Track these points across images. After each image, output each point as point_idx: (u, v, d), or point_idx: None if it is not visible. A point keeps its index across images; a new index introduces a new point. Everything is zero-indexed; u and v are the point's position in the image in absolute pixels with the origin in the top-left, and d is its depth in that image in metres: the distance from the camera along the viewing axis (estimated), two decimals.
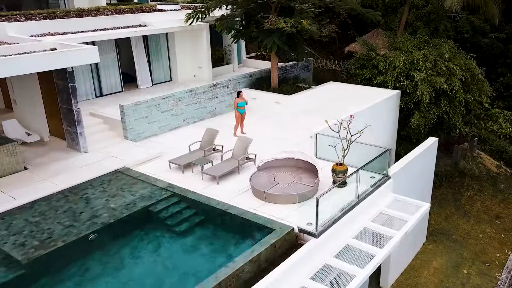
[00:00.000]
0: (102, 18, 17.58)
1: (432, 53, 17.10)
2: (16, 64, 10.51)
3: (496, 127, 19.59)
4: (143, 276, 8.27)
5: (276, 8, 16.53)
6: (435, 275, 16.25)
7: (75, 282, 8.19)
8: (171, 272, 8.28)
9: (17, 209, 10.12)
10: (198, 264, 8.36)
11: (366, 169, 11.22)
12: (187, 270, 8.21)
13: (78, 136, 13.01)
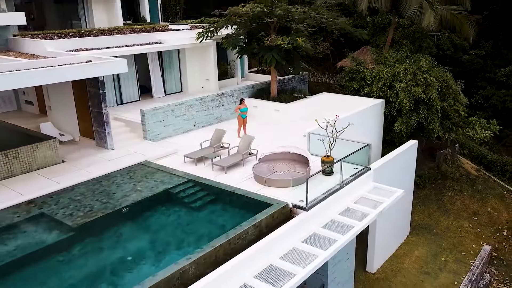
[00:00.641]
0: (122, 37, 19.92)
1: (412, 66, 19.37)
2: (61, 73, 12.75)
3: (472, 133, 21.69)
4: (166, 237, 10.34)
5: (275, 28, 18.86)
6: (416, 262, 18.18)
7: (112, 242, 10.26)
8: (189, 235, 10.34)
9: (61, 191, 12.21)
10: (211, 229, 10.40)
11: (350, 161, 13.37)
12: (202, 233, 10.26)
13: (106, 136, 15.18)
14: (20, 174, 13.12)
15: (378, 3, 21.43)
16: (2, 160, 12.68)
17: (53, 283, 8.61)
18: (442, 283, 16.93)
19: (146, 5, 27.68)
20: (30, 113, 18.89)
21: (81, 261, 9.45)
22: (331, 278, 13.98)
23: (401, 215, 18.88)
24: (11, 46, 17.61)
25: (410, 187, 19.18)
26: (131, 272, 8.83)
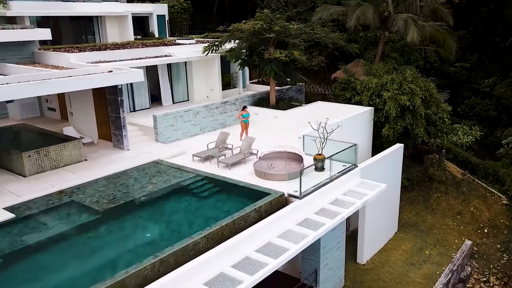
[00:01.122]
0: (134, 50, 21.80)
1: (398, 77, 21.21)
2: (87, 81, 14.59)
3: (455, 138, 23.43)
4: (179, 220, 12.05)
5: (274, 42, 20.74)
6: (403, 255, 19.78)
7: (133, 223, 11.96)
8: (198, 218, 12.03)
9: (86, 183, 13.93)
10: (217, 213, 12.07)
11: (339, 160, 15.14)
12: (209, 216, 11.92)
13: (123, 138, 16.96)
14: (49, 170, 14.86)
15: (366, 20, 23.37)
16: (34, 157, 14.43)
17: (85, 253, 10.29)
18: (425, 273, 18.50)
19: (154, 21, 29.71)
20: (53, 119, 20.70)
21: (107, 237, 11.17)
22: (323, 264, 15.56)
23: (389, 213, 20.54)
24: (36, 59, 19.49)
25: (397, 187, 20.88)
26: (151, 245, 10.50)
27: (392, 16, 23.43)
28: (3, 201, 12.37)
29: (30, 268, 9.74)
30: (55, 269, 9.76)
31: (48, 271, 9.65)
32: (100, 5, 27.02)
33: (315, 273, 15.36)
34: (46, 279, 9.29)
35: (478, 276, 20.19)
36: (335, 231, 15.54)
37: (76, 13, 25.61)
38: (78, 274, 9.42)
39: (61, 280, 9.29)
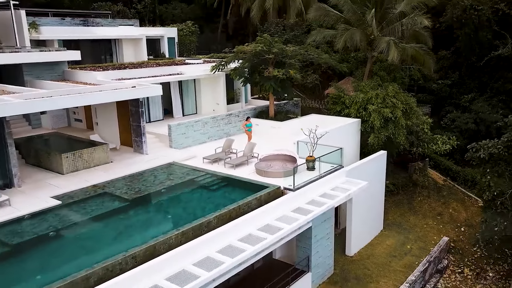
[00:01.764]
0: (150, 69, 24.57)
1: (382, 92, 23.89)
2: (116, 94, 17.27)
3: (435, 147, 25.99)
4: (193, 205, 14.57)
5: (273, 62, 23.47)
6: (386, 249, 22.11)
7: (156, 208, 14.52)
8: (209, 204, 14.53)
9: (115, 179, 16.45)
10: (225, 201, 14.53)
11: (328, 161, 17.70)
12: (219, 203, 14.40)
13: (142, 143, 19.55)
14: (82, 169, 17.40)
15: (353, 43, 26.18)
16: (71, 158, 17.01)
17: (119, 228, 12.79)
18: (406, 263, 20.83)
19: (165, 43, 32.62)
20: (79, 128, 23.31)
21: (135, 218, 13.68)
22: (315, 251, 17.93)
23: (374, 213, 22.91)
24: (66, 76, 22.20)
25: (381, 189, 23.31)
26: (172, 223, 12.99)
27: (377, 39, 26.24)
28: (49, 192, 14.90)
29: (77, 239, 12.24)
30: (97, 239, 12.26)
31: (91, 240, 12.15)
32: (117, 29, 29.98)
33: (307, 259, 17.70)
34: (90, 246, 11.78)
35: (453, 268, 22.53)
36: (324, 223, 18.03)
37: (97, 37, 28.54)
38: (116, 243, 11.88)
39: (102, 246, 11.73)
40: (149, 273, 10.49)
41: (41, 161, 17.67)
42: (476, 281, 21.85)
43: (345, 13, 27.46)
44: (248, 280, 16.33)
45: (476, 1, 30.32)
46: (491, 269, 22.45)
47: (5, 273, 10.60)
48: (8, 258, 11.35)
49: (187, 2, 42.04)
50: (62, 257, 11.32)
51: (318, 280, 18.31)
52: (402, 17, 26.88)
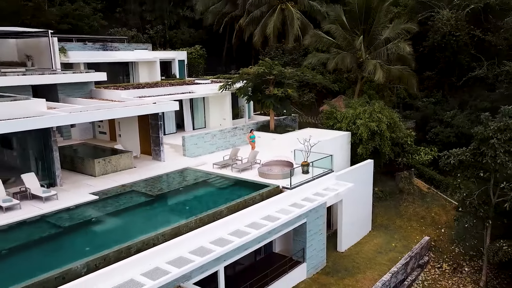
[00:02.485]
0: (165, 88, 27.58)
1: (369, 108, 26.85)
2: (140, 109, 20.22)
3: (418, 157, 28.80)
4: (206, 200, 17.35)
5: (273, 82, 26.50)
6: (374, 246, 24.71)
7: (175, 201, 17.33)
8: (220, 199, 17.28)
9: (139, 180, 19.22)
10: (233, 197, 17.27)
11: (320, 166, 20.52)
12: (228, 198, 17.15)
13: (160, 152, 22.42)
14: (111, 173, 20.22)
15: (344, 65, 29.29)
16: (102, 163, 19.87)
17: (147, 216, 15.56)
18: (390, 258, 23.40)
19: (176, 65, 35.78)
20: (103, 140, 26.21)
21: (160, 209, 16.49)
22: (309, 245, 20.57)
23: (363, 215, 25.54)
24: (93, 95, 25.16)
25: (369, 194, 26.03)
26: (190, 212, 15.71)
27: (365, 62, 29.36)
28: (87, 190, 17.71)
29: (114, 223, 15.01)
30: (129, 223, 15.05)
31: (125, 224, 14.93)
32: (134, 53, 33.19)
33: (302, 251, 20.35)
34: (125, 228, 14.55)
35: (433, 263, 25.10)
36: (317, 220, 20.72)
37: (116, 60, 31.70)
38: (146, 227, 14.58)
39: (135, 228, 14.45)
40: (176, 246, 13.25)
41: (76, 166, 20.51)
42: (453, 274, 24.41)
43: (337, 38, 30.68)
44: (251, 269, 18.92)
45: (454, 28, 33.52)
46: (467, 264, 25.02)
47: (62, 246, 13.37)
48: (62, 236, 14.12)
49: (195, 28, 45.49)
50: (104, 235, 14.11)
51: (312, 270, 20.87)
52: (387, 42, 30.10)
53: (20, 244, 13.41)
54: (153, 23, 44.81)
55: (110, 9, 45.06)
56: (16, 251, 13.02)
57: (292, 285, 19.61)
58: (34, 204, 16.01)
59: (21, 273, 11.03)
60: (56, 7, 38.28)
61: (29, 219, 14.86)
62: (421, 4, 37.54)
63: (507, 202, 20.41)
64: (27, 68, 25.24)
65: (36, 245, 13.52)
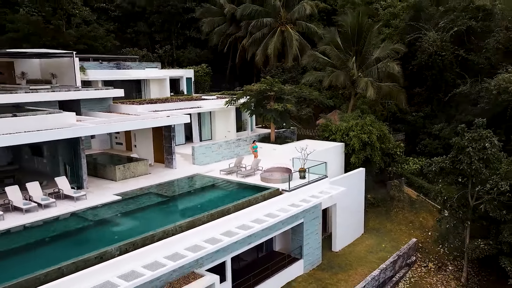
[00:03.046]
0: (175, 103, 30.09)
1: (361, 122, 29.29)
2: (155, 121, 22.68)
3: (407, 167, 31.13)
4: (215, 200, 19.65)
5: (273, 98, 29.00)
6: (365, 247, 26.84)
7: (188, 201, 19.62)
8: (227, 199, 19.56)
9: (155, 184, 21.53)
10: (239, 197, 19.57)
11: (315, 172, 22.87)
12: (232, 197, 19.43)
13: (173, 160, 24.80)
14: (130, 178, 22.57)
15: (338, 82, 31.86)
16: (122, 169, 22.23)
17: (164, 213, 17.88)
18: (380, 256, 25.53)
19: (184, 82, 38.42)
20: (120, 149, 28.60)
21: (175, 207, 18.80)
22: (306, 242, 22.74)
23: (356, 218, 27.72)
24: (111, 109, 27.69)
25: (361, 200, 28.25)
26: (202, 210, 17.96)
27: (357, 79, 31.93)
28: (110, 191, 20.03)
29: (137, 217, 17.34)
30: (150, 218, 17.35)
31: (146, 219, 17.23)
32: (146, 71, 35.88)
33: (300, 248, 22.54)
34: (147, 221, 16.84)
35: (420, 263, 27.23)
36: (313, 221, 22.96)
37: (130, 77, 34.33)
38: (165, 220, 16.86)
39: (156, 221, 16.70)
40: (191, 236, 15.55)
41: (98, 172, 22.87)
42: (437, 272, 26.52)
43: (332, 58, 33.34)
44: (254, 264, 21.06)
45: (440, 48, 36.18)
46: (451, 263, 27.13)
47: (96, 235, 15.70)
48: (94, 227, 16.46)
49: (200, 48, 48.35)
50: (129, 227, 16.41)
51: (309, 266, 23.01)
52: (378, 61, 32.74)
53: (61, 233, 15.75)
54: (162, 43, 47.69)
55: (122, 30, 48.00)
56: (58, 239, 15.34)
57: (291, 279, 21.74)
58: (66, 203, 18.36)
59: (66, 255, 13.29)
60: (73, 28, 41.12)
61: (64, 214, 17.18)
62: (410, 27, 40.36)
63: (482, 205, 22.69)
64: (52, 85, 27.78)
65: (73, 235, 15.86)
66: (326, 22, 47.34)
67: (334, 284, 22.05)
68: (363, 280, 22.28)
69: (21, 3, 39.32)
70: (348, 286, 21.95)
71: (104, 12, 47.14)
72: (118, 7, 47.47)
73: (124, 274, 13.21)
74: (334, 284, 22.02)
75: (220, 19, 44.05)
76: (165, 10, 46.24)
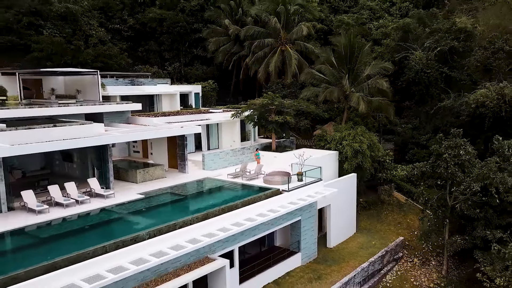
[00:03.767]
0: (185, 116, 33.13)
1: (353, 132, 32.30)
2: (171, 131, 25.74)
3: (395, 173, 34.04)
4: (224, 198, 22.56)
5: (274, 111, 32.04)
6: (357, 244, 29.60)
7: (201, 199, 22.65)
8: (235, 197, 22.48)
9: (171, 186, 24.41)
10: (245, 196, 22.50)
11: (311, 176, 25.82)
12: (238, 195, 22.41)
13: (185, 166, 27.76)
14: (148, 181, 25.51)
15: (333, 97, 34.98)
16: (142, 172, 25.20)
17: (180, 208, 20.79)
18: (370, 252, 28.27)
19: (192, 97, 41.58)
20: (137, 157, 31.60)
21: (190, 203, 21.73)
22: (303, 238, 25.59)
23: (348, 219, 30.58)
24: (130, 121, 30.75)
25: (353, 202, 31.13)
26: (214, 205, 20.86)
27: (350, 94, 35.03)
28: (134, 191, 22.95)
29: (159, 211, 20.26)
30: (170, 211, 20.28)
31: (167, 213, 20.15)
32: (158, 87, 39.07)
33: (298, 243, 25.36)
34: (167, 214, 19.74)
35: (406, 258, 29.96)
36: (310, 218, 25.82)
37: (144, 93, 37.50)
38: (183, 213, 19.78)
39: (175, 214, 19.59)
40: (206, 225, 18.46)
41: (120, 175, 25.82)
42: (422, 267, 29.24)
43: (327, 75, 36.52)
44: (257, 257, 23.83)
45: (426, 66, 39.39)
46: (434, 259, 29.86)
47: (128, 224, 18.63)
48: (121, 219, 19.39)
49: (207, 65, 51.64)
50: (154, 218, 19.33)
51: (305, 259, 25.79)
52: (368, 78, 35.89)
53: (99, 222, 18.72)
54: (171, 60, 51.02)
55: (134, 49, 51.35)
56: (97, 226, 18.33)
57: (289, 269, 24.50)
58: (98, 200, 21.30)
59: (107, 238, 16.18)
60: (91, 48, 44.42)
61: (98, 209, 20.12)
62: (399, 46, 43.69)
63: (458, 204, 25.56)
64: (77, 100, 30.93)
65: (109, 223, 18.83)
66: (323, 41, 50.75)
67: (328, 274, 24.80)
68: (353, 271, 25.04)
69: (44, 25, 42.72)
70: (340, 275, 24.69)
71: (117, 33, 50.55)
72: (130, 27, 50.90)
73: (153, 253, 16.09)
74: (328, 274, 24.77)
75: (225, 39, 47.41)
76: (174, 31, 49.68)
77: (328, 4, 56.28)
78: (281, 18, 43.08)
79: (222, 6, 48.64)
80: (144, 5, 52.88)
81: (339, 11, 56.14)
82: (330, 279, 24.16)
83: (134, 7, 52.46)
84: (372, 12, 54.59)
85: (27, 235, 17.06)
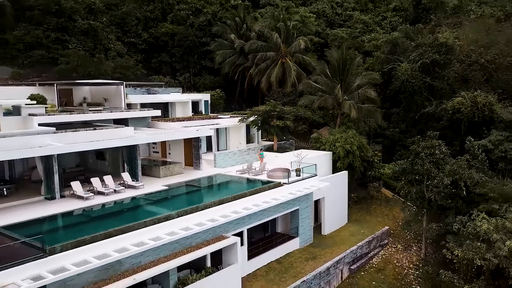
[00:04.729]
0: (197, 121, 37.19)
1: (345, 135, 36.35)
2: (187, 134, 29.84)
3: (383, 171, 38.04)
4: (234, 189, 26.56)
5: (276, 116, 36.13)
6: (348, 232, 33.50)
7: (214, 191, 26.75)
8: (243, 188, 26.50)
9: (188, 180, 28.39)
10: (251, 187, 26.48)
11: (308, 172, 29.85)
12: (248, 187, 26.40)
13: (200, 164, 31.81)
14: (169, 176, 29.54)
15: (327, 104, 39.07)
16: (164, 169, 29.26)
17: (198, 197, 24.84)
18: (358, 238, 32.12)
19: (202, 104, 45.67)
20: (157, 157, 35.66)
21: (206, 193, 25.79)
22: (301, 224, 29.54)
23: (341, 211, 34.54)
24: (150, 125, 34.81)
25: (345, 196, 35.08)
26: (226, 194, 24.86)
27: (342, 102, 39.15)
28: (159, 184, 26.98)
29: (182, 199, 24.30)
30: (191, 198, 24.30)
31: (189, 199, 24.19)
32: (171, 95, 43.19)
33: (296, 229, 29.33)
34: (189, 201, 23.77)
35: (391, 245, 33.89)
36: (306, 208, 29.81)
37: (160, 101, 41.61)
38: (202, 199, 23.76)
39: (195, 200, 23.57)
40: (222, 209, 22.50)
41: (145, 171, 29.82)
42: (404, 251, 33.14)
43: (322, 85, 40.67)
44: (262, 240, 27.78)
45: (411, 76, 43.54)
46: (415, 245, 33.76)
47: (156, 208, 22.66)
48: (153, 204, 23.44)
49: (214, 75, 55.89)
50: (179, 203, 23.36)
51: (303, 243, 29.71)
52: (358, 88, 40.03)
53: (134, 206, 22.76)
54: (181, 71, 55.30)
55: (148, 60, 55.67)
56: (134, 209, 22.41)
57: (289, 251, 28.38)
58: (131, 190, 25.34)
59: (144, 217, 20.18)
60: (110, 60, 48.70)
61: (131, 197, 24.16)
62: (388, 58, 47.88)
63: (433, 196, 29.55)
64: (104, 107, 35.07)
65: (143, 207, 22.86)
66: (320, 52, 54.96)
67: (322, 255, 28.72)
68: (343, 252, 28.99)
69: (69, 40, 47.02)
70: (332, 256, 28.59)
71: (133, 46, 54.88)
72: (144, 41, 55.23)
73: (181, 228, 20.11)
74: (322, 255, 28.69)
75: (230, 51, 51.66)
76: (184, 44, 53.98)
77: (325, 19, 60.66)
78: (281, 33, 47.39)
79: (228, 22, 53.03)
80: (157, 21, 57.25)
81: (334, 24, 60.49)
82: (324, 259, 28.07)
83: (148, 22, 56.83)
84: (365, 25, 58.90)
85: (82, 215, 21.12)
